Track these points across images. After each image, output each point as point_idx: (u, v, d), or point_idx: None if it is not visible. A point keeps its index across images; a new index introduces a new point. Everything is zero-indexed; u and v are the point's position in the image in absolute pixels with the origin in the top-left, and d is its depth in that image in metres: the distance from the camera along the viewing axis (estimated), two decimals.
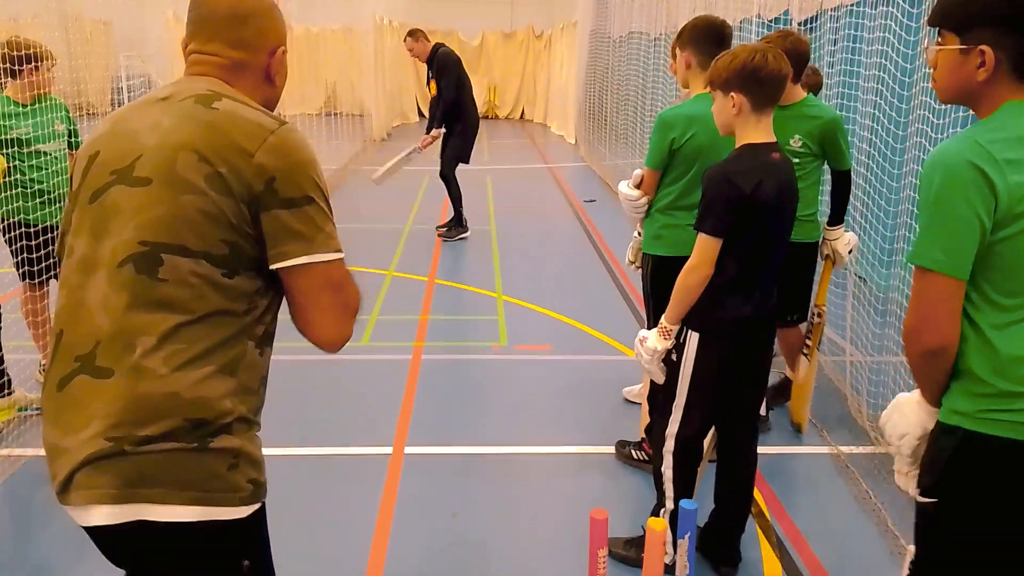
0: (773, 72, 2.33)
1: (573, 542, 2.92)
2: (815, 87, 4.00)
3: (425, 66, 7.56)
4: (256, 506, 1.44)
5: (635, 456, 3.48)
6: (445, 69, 7.24)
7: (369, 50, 14.80)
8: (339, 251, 1.44)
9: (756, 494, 3.30)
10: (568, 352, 4.86)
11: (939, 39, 1.59)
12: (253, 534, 1.47)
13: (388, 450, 3.64)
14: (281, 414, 3.91)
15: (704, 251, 2.41)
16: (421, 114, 18.83)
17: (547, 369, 4.65)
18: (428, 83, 7.51)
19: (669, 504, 2.64)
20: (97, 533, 1.40)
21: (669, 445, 2.64)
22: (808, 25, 6.82)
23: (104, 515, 1.34)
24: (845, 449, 3.63)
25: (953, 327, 1.52)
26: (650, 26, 12.55)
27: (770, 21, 7.08)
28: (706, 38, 3.02)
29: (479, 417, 4.03)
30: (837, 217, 3.60)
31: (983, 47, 1.51)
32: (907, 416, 1.65)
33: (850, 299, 4.19)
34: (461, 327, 5.41)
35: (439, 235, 7.63)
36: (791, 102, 3.40)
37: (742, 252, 2.41)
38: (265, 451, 1.49)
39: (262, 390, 1.48)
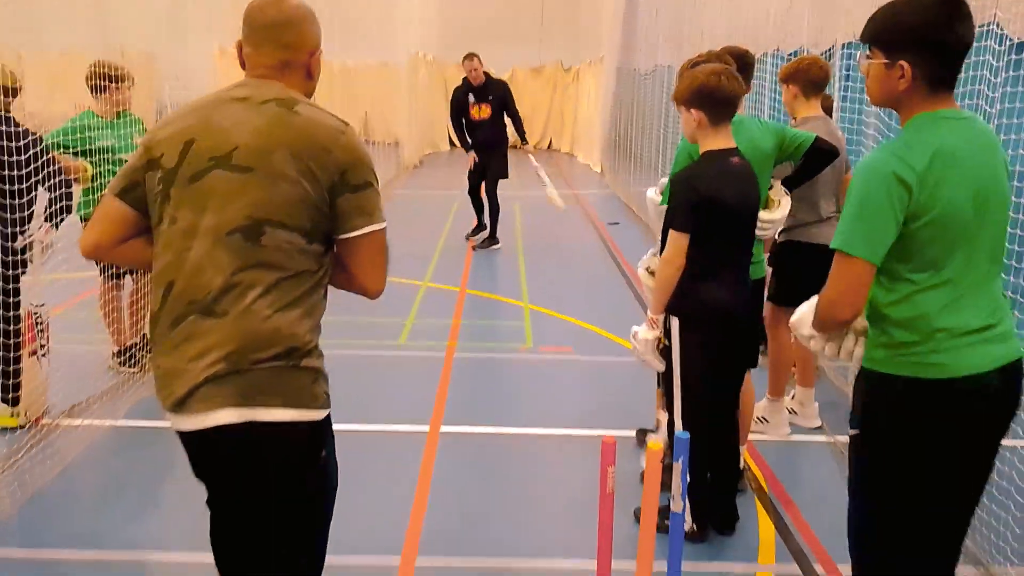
0: (726, 92, 2.75)
1: (590, 508, 3.28)
2: (827, 110, 4.29)
3: (463, 96, 8.21)
4: (328, 411, 1.86)
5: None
6: (509, 95, 8.19)
7: (403, 82, 15.47)
8: (385, 221, 1.85)
9: (758, 473, 3.65)
10: (588, 353, 5.25)
11: (869, 53, 1.90)
12: (327, 432, 1.91)
13: (425, 428, 4.04)
14: (333, 396, 4.33)
15: (674, 246, 2.81)
16: (452, 143, 19.45)
17: (569, 366, 5.04)
18: (472, 106, 8.08)
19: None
20: (204, 437, 1.78)
21: (679, 424, 2.99)
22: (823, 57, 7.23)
23: (226, 416, 1.73)
24: (841, 438, 3.96)
25: (863, 302, 1.85)
26: (673, 59, 13.05)
27: (789, 55, 7.50)
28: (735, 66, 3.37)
29: (506, 403, 4.43)
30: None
31: (903, 62, 1.82)
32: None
33: None
34: (490, 330, 5.82)
35: (472, 246, 8.23)
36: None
37: (709, 245, 2.80)
38: None
39: (320, 325, 1.89)
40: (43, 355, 3.79)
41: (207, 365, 1.73)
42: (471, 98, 8.06)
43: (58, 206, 3.92)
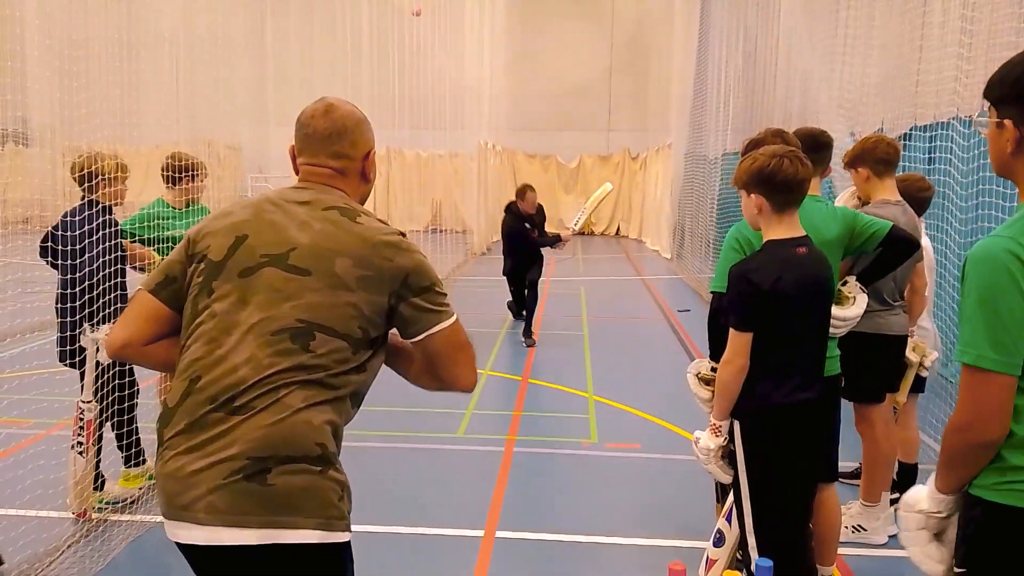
0: (789, 176, 2.48)
1: None
2: (922, 201, 3.83)
3: (519, 226, 8.11)
4: (351, 533, 1.70)
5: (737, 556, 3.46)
6: (543, 213, 8.32)
7: (473, 172, 15.77)
8: (454, 315, 1.81)
9: None
10: (658, 451, 4.91)
11: (987, 112, 1.68)
12: (348, 556, 1.73)
13: (480, 533, 3.76)
14: (381, 494, 4.13)
15: (735, 345, 2.53)
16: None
17: (637, 466, 4.70)
18: (531, 232, 8.09)
19: None
20: (213, 552, 1.60)
21: (752, 541, 2.67)
22: (903, 141, 6.95)
23: (245, 537, 1.57)
24: None
25: (1007, 420, 1.54)
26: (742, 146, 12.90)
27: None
28: (806, 146, 3.14)
29: (569, 507, 4.11)
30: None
31: (1006, 121, 1.60)
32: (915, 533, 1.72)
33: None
34: (553, 423, 5.54)
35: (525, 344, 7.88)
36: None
37: (773, 342, 2.51)
38: (366, 527, 1.74)
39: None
40: (80, 452, 3.72)
41: (226, 467, 1.57)
42: (527, 225, 8.06)
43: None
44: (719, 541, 3.11)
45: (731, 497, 2.95)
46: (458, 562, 3.50)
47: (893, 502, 3.78)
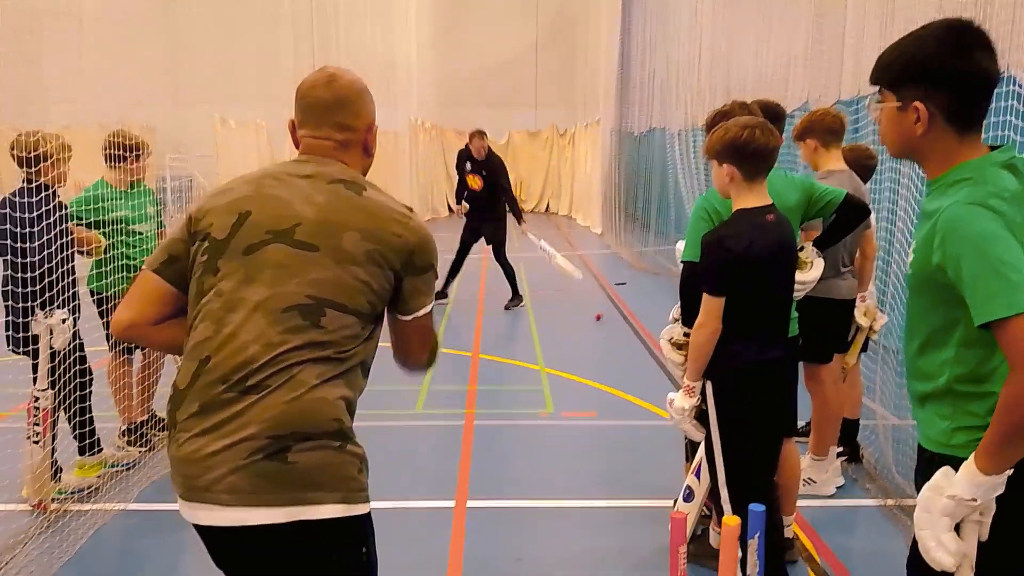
0: (760, 146, 2.61)
1: None
2: (867, 170, 4.05)
3: (461, 161, 8.66)
4: (371, 504, 1.74)
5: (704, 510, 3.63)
6: (503, 169, 8.68)
7: (404, 150, 15.63)
8: (434, 301, 1.88)
9: (806, 542, 3.46)
10: (614, 418, 5.08)
11: (879, 96, 1.69)
12: (369, 527, 1.75)
13: (451, 503, 3.84)
14: None
15: (709, 309, 2.68)
16: (450, 209, 19.56)
17: (595, 433, 4.86)
18: (468, 175, 8.53)
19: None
20: (235, 533, 1.60)
21: (725, 494, 2.83)
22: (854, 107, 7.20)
23: (271, 516, 1.58)
24: (890, 500, 3.78)
25: None
26: (669, 122, 13.29)
27: (794, 111, 7.54)
28: (764, 117, 3.26)
29: (536, 473, 4.23)
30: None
31: (916, 103, 1.60)
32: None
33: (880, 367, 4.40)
34: (508, 396, 5.65)
35: (506, 308, 8.32)
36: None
37: (744, 306, 2.66)
38: None
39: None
40: (35, 442, 3.60)
41: (245, 447, 1.57)
42: (468, 165, 8.54)
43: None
44: (689, 496, 3.29)
45: (699, 454, 3.12)
46: (434, 532, 3.57)
47: (839, 455, 4.06)
